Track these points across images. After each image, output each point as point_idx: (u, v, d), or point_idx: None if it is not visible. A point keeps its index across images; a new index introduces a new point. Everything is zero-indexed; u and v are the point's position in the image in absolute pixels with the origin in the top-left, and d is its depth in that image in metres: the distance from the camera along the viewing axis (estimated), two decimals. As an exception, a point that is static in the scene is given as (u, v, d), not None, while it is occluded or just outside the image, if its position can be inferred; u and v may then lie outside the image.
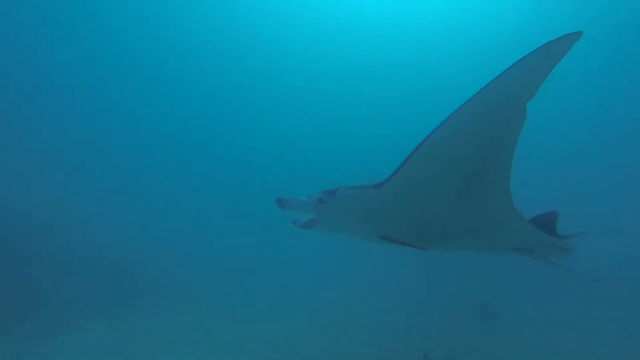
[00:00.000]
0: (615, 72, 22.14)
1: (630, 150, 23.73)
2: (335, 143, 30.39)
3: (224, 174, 28.38)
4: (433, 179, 2.54)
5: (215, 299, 9.44)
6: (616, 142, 24.12)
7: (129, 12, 22.71)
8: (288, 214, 3.31)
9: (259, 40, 25.95)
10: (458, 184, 2.53)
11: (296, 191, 3.34)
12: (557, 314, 9.90)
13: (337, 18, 24.75)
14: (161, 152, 28.55)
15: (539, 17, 20.89)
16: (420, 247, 3.01)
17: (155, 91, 27.26)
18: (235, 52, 26.68)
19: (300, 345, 6.49)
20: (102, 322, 6.69)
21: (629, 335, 7.40)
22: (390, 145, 26.08)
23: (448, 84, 25.33)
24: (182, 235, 15.15)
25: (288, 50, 26.88)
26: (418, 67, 26.72)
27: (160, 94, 27.52)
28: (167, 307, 8.30)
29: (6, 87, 21.15)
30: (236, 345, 6.29)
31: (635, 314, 9.32)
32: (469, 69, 24.44)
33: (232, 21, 24.62)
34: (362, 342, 6.86)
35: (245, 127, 30.22)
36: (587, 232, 3.45)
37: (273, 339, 6.76)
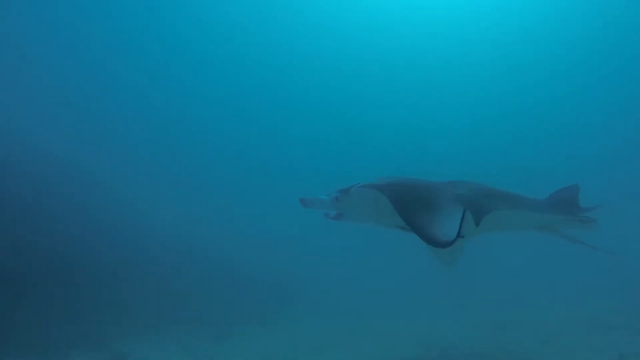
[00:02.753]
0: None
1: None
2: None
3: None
4: None
5: (360, 302, 9.37)
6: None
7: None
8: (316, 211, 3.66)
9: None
10: None
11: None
12: None
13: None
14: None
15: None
16: None
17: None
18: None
19: (459, 342, 5.97)
20: (259, 328, 7.04)
21: None
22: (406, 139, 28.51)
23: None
24: (327, 245, 15.49)
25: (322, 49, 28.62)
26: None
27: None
28: (318, 313, 8.48)
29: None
30: (387, 347, 6.04)
31: None
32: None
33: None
34: (530, 337, 6.07)
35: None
36: (610, 204, 3.51)
37: (426, 339, 6.35)
